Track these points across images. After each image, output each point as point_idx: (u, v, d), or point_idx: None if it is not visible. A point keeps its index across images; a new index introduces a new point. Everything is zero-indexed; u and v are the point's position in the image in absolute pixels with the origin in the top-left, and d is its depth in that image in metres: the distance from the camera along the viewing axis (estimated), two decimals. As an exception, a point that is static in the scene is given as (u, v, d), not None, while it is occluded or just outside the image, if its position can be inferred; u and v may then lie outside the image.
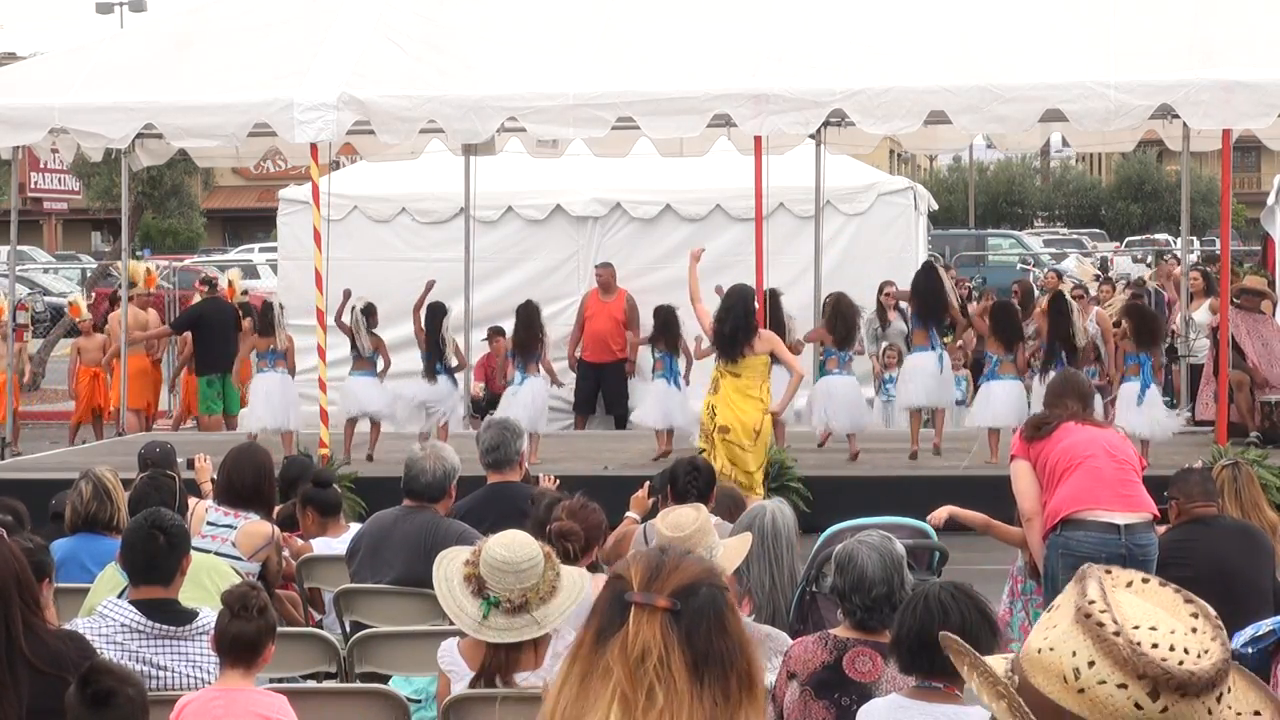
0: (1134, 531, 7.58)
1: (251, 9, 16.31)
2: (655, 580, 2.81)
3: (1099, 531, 7.53)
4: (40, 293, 38.61)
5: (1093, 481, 7.57)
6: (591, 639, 2.84)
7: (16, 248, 20.30)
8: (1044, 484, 7.73)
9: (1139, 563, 7.58)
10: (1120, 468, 7.75)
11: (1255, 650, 6.75)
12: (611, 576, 2.93)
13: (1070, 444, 7.68)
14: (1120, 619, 2.23)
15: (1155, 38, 14.65)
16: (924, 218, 21.48)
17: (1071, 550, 7.54)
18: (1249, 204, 60.44)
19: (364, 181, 19.79)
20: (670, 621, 2.75)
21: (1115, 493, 7.61)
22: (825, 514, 9.68)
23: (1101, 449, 7.72)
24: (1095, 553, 7.51)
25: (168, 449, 10.18)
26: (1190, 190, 17.98)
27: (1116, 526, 7.54)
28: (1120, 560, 7.53)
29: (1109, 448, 7.80)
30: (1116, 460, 7.77)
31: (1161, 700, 2.20)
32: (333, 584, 8.43)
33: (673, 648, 2.73)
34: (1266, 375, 16.25)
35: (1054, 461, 7.67)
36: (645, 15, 15.66)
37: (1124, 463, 7.83)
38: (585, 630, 2.87)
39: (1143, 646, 2.22)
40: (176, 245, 48.52)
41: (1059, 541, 7.57)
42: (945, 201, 48.48)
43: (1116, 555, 7.54)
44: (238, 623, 5.54)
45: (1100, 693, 2.22)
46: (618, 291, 18.44)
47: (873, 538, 6.25)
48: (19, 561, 5.45)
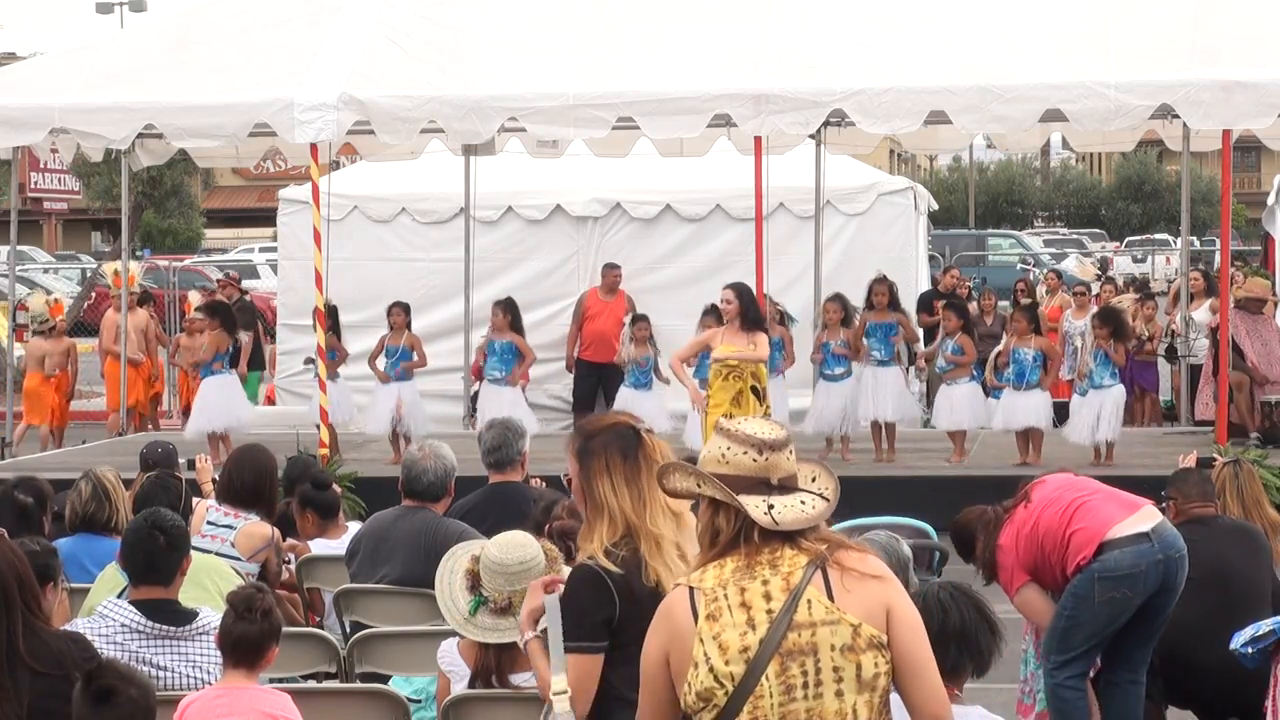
0: (1161, 534, 7.43)
1: (251, 9, 16.30)
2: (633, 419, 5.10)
3: (1134, 544, 7.34)
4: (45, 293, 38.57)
5: (1095, 512, 7.45)
6: (621, 460, 4.96)
7: (16, 248, 20.31)
8: (1054, 564, 7.50)
9: (1176, 562, 7.39)
10: (1096, 491, 7.60)
11: (1255, 650, 6.75)
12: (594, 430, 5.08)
13: (1048, 515, 7.49)
14: (736, 426, 4.34)
15: (1155, 38, 14.65)
16: (924, 218, 21.47)
17: (1110, 571, 7.29)
18: (1249, 204, 60.49)
19: (364, 181, 19.79)
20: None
21: (1118, 505, 7.50)
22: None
23: (1070, 493, 7.57)
24: (1135, 566, 7.33)
25: (170, 449, 10.20)
26: (1190, 190, 17.97)
27: (1145, 534, 7.39)
28: (1159, 566, 7.34)
29: (1069, 488, 7.65)
30: (1091, 488, 7.66)
31: (764, 454, 4.27)
32: (333, 584, 8.43)
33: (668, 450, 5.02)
34: (1266, 375, 16.26)
35: (1050, 537, 7.47)
36: (645, 15, 15.66)
37: (1091, 486, 7.70)
38: (611, 455, 4.97)
39: (747, 431, 4.31)
40: (176, 245, 48.50)
41: (1095, 567, 7.28)
42: (945, 201, 48.52)
43: (1155, 563, 7.35)
44: (241, 624, 5.55)
45: (736, 460, 4.27)
46: (619, 292, 18.45)
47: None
48: (20, 563, 5.45)
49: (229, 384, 16.07)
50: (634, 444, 4.95)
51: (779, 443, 4.29)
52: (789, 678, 4.15)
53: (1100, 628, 7.42)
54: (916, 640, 4.27)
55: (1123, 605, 7.37)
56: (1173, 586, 7.43)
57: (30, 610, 5.41)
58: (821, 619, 4.17)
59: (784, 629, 4.17)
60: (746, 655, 4.15)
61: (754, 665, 4.15)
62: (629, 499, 4.91)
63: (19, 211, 21.08)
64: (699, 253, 19.10)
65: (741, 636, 4.16)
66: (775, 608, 4.17)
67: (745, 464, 4.25)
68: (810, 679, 4.16)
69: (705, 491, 4.28)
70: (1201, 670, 7.74)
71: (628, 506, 4.90)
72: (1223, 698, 7.76)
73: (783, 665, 4.15)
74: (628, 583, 4.81)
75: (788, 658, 4.16)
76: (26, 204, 49.39)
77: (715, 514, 4.27)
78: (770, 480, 4.27)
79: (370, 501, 12.64)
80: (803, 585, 4.19)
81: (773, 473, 4.27)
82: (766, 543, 4.24)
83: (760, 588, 4.19)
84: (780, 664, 4.15)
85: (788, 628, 4.16)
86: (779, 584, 4.20)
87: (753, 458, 4.25)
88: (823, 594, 4.20)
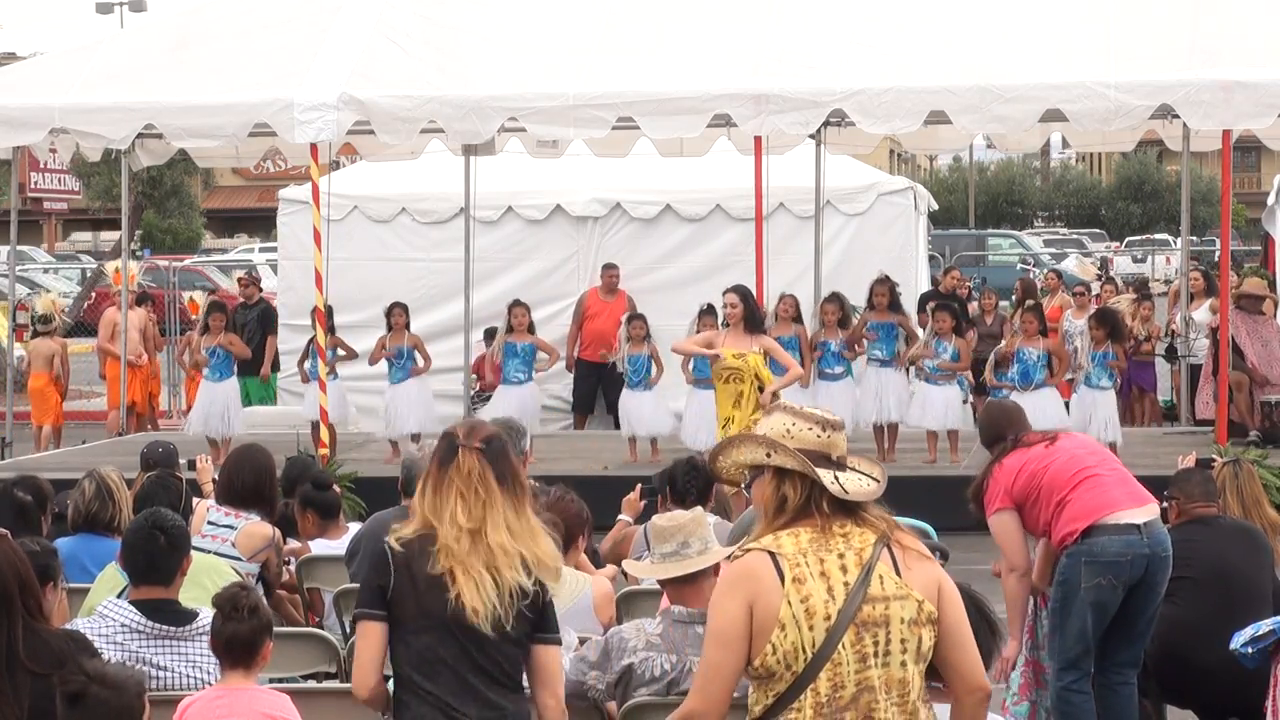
0: (1152, 530, 7.53)
1: (251, 9, 16.30)
2: (471, 435, 5.25)
3: (1122, 534, 7.45)
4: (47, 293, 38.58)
5: (1101, 489, 7.52)
6: (436, 468, 5.23)
7: (16, 248, 20.30)
8: (1039, 515, 7.61)
9: (1160, 561, 7.53)
10: (1114, 469, 7.72)
11: (1255, 650, 6.76)
12: (443, 435, 5.31)
13: (1058, 467, 7.59)
14: (799, 406, 4.73)
15: (1155, 38, 14.65)
16: (924, 218, 21.46)
17: (1097, 556, 7.43)
18: (1249, 204, 60.45)
19: (364, 181, 19.78)
20: (481, 455, 5.19)
21: (1125, 492, 7.58)
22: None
23: (1088, 458, 7.67)
24: (1121, 554, 7.45)
25: (170, 449, 10.19)
26: (1190, 190, 17.97)
27: (1136, 526, 7.49)
28: (1145, 560, 7.49)
29: (1091, 453, 7.75)
30: (1107, 463, 7.73)
31: (827, 431, 4.59)
32: (333, 584, 8.43)
33: (485, 468, 5.18)
34: (1266, 375, 16.26)
35: (1048, 488, 7.57)
36: (645, 15, 15.65)
37: (1112, 462, 7.80)
38: (431, 464, 5.26)
39: (810, 410, 4.67)
40: (177, 245, 48.49)
41: (1082, 549, 7.45)
42: (945, 201, 48.47)
43: (1141, 555, 7.48)
44: (230, 624, 5.56)
45: (801, 435, 4.58)
46: (619, 292, 18.45)
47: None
48: (23, 565, 5.46)
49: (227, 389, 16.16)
50: (450, 457, 5.22)
51: (839, 424, 4.66)
52: (863, 647, 4.48)
53: (1089, 621, 7.49)
54: (962, 616, 4.66)
55: (1107, 594, 7.47)
56: (1155, 583, 7.56)
57: (31, 613, 5.42)
58: (893, 594, 4.51)
59: (859, 600, 4.47)
60: (828, 623, 4.46)
61: (833, 632, 4.45)
62: (429, 502, 5.23)
63: (19, 211, 21.05)
64: (699, 253, 19.09)
65: (825, 604, 4.46)
66: (851, 580, 4.50)
67: (810, 439, 4.58)
68: (880, 649, 4.49)
69: (776, 460, 4.57)
70: (1202, 670, 7.76)
71: (426, 507, 5.23)
72: (1223, 698, 7.78)
73: (858, 635, 4.47)
74: (407, 561, 5.15)
75: (863, 628, 4.47)
76: (26, 204, 49.38)
77: (782, 483, 4.58)
78: (831, 456, 4.58)
79: (370, 501, 12.64)
80: (874, 560, 4.52)
81: (833, 450, 4.59)
82: (835, 515, 4.55)
83: (836, 560, 4.50)
84: (856, 633, 4.47)
85: (863, 600, 4.47)
86: (853, 558, 4.51)
87: (816, 434, 4.59)
88: (891, 570, 4.54)
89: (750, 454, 4.64)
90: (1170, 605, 7.71)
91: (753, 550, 4.54)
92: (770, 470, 4.59)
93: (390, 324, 16.26)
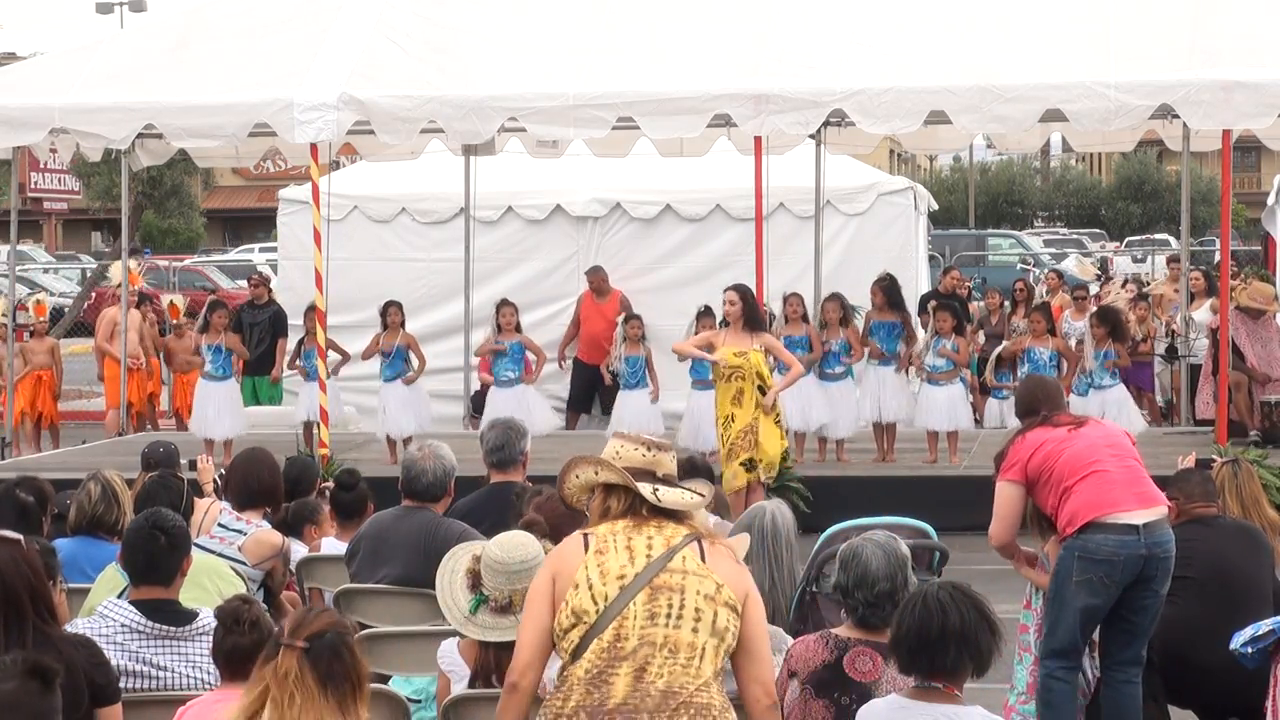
0: (1152, 531, 7.52)
1: (251, 9, 16.30)
2: (298, 630, 4.68)
3: (1118, 534, 7.46)
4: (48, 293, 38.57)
5: (1106, 486, 7.52)
6: (261, 662, 4.72)
7: (16, 248, 20.30)
8: (1047, 497, 7.63)
9: (1159, 561, 7.51)
10: (1127, 466, 7.70)
11: (1255, 650, 6.76)
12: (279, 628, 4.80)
13: (1073, 454, 7.61)
14: (629, 431, 5.31)
15: (1155, 38, 14.64)
16: (924, 218, 21.47)
17: (1090, 553, 7.44)
18: (1249, 204, 60.45)
19: (364, 181, 19.79)
20: (303, 655, 4.64)
21: (1130, 492, 7.57)
22: (825, 514, 9.68)
23: (1104, 451, 7.68)
24: (1114, 554, 7.44)
25: (171, 449, 10.20)
26: (1190, 190, 17.95)
27: (1135, 527, 7.48)
28: (1140, 560, 7.47)
29: (1110, 446, 7.75)
30: (1122, 459, 7.72)
31: (652, 451, 5.11)
32: (333, 584, 8.42)
33: (305, 670, 4.62)
34: (1266, 375, 16.25)
35: (1059, 474, 7.59)
36: (645, 15, 15.65)
37: (1128, 458, 7.78)
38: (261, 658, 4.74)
39: (637, 434, 5.18)
40: (177, 245, 48.51)
41: (1076, 544, 7.48)
42: (945, 201, 48.47)
43: (1136, 555, 7.46)
44: (232, 637, 5.56)
45: (628, 455, 5.10)
46: (611, 293, 18.44)
47: (878, 535, 6.27)
48: (35, 573, 5.47)
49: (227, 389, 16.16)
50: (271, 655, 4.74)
51: (666, 445, 5.24)
52: (655, 606, 4.95)
53: (1078, 614, 7.50)
54: (761, 631, 5.11)
55: (1100, 591, 7.48)
56: (1152, 581, 7.53)
57: (42, 618, 5.43)
58: (693, 570, 5.01)
59: (659, 567, 4.97)
60: (622, 581, 4.95)
61: (627, 589, 4.94)
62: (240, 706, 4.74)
63: (19, 211, 21.05)
64: (699, 253, 19.09)
65: (621, 566, 4.97)
66: (655, 554, 5.02)
67: (635, 458, 5.15)
68: (674, 612, 4.95)
69: (603, 477, 5.15)
70: (1201, 670, 7.77)
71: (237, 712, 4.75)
72: (1223, 698, 7.78)
73: (652, 595, 4.94)
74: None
75: (658, 590, 4.95)
76: (26, 204, 49.40)
77: (607, 497, 5.17)
78: (656, 473, 5.13)
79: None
80: (681, 545, 5.05)
81: (657, 468, 5.14)
82: (654, 518, 5.08)
83: (644, 540, 5.04)
84: (650, 594, 4.94)
85: (662, 569, 4.97)
86: (661, 541, 5.04)
87: (642, 454, 5.17)
88: (696, 556, 5.04)
89: (584, 474, 5.20)
90: (1170, 605, 7.71)
91: (571, 536, 5.13)
92: (600, 486, 5.16)
93: (385, 322, 16.25)
